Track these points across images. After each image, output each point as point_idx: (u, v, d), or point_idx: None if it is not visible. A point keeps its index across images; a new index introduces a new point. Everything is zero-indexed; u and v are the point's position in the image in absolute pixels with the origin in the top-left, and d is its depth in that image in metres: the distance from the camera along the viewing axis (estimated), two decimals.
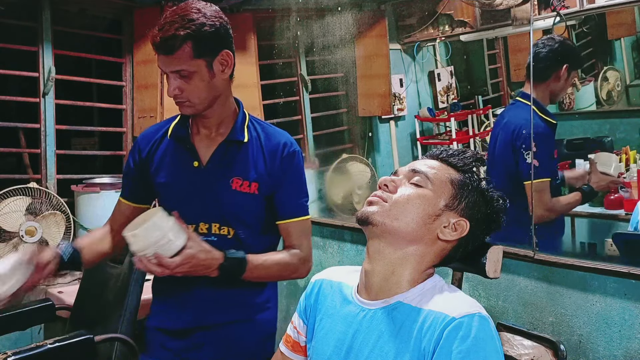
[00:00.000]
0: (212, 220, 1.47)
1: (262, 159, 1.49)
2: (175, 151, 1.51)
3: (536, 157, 2.02)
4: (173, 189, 1.50)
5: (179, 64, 1.37)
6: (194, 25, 1.35)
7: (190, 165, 1.48)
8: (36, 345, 1.79)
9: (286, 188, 1.50)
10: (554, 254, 1.88)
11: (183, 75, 1.38)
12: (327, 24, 3.40)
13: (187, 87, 1.39)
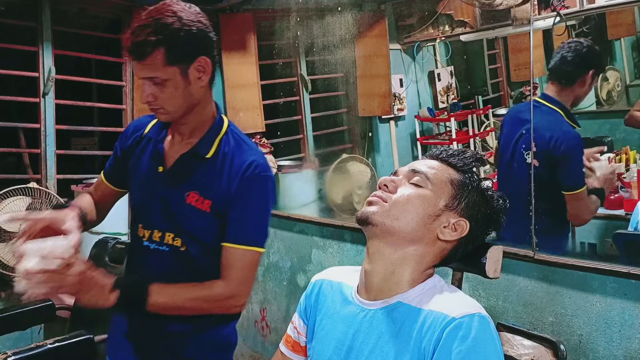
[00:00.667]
0: (166, 230, 1.40)
1: (224, 177, 1.37)
2: (149, 151, 1.46)
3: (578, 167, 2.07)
4: (138, 190, 1.48)
5: (151, 71, 1.30)
6: (168, 30, 1.28)
7: (156, 169, 1.43)
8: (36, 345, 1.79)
9: (238, 210, 1.36)
10: (554, 254, 1.88)
11: (157, 82, 1.31)
12: (327, 24, 3.40)
13: (161, 94, 1.32)
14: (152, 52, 1.28)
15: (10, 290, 2.80)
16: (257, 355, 3.09)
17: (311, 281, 1.23)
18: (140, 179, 1.46)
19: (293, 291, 2.96)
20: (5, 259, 2.69)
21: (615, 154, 2.45)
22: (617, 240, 2.01)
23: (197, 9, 1.36)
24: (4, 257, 2.69)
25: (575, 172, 2.06)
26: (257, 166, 1.38)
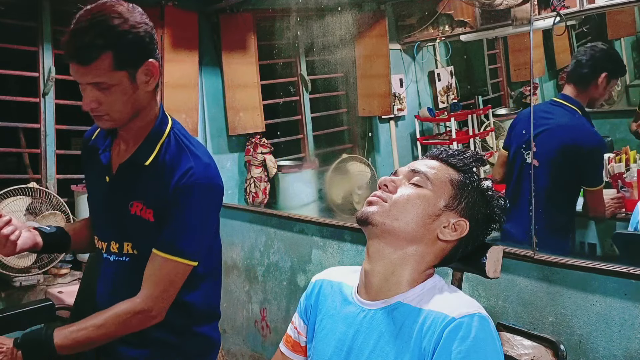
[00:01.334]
0: (122, 240, 1.36)
1: (164, 185, 1.31)
2: (97, 159, 1.39)
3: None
4: (90, 201, 1.44)
5: (97, 76, 1.21)
6: (115, 32, 1.19)
7: (103, 178, 1.37)
8: None
9: (170, 218, 1.30)
10: (554, 254, 1.88)
11: (102, 88, 1.22)
12: (327, 24, 3.40)
13: (106, 99, 1.23)
14: (98, 56, 1.19)
15: (10, 290, 2.80)
16: (257, 355, 3.09)
17: (311, 281, 1.23)
18: (92, 190, 1.43)
19: (293, 291, 2.96)
20: (6, 259, 2.69)
21: (615, 154, 2.45)
22: (617, 240, 2.01)
23: (140, 9, 1.28)
24: (4, 257, 2.69)
25: (599, 169, 2.18)
26: (193, 174, 1.29)
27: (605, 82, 2.12)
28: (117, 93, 1.24)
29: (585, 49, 2.19)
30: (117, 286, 1.38)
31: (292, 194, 3.48)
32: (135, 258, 1.35)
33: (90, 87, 1.23)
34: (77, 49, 1.19)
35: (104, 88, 1.23)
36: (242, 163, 3.54)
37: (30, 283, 2.82)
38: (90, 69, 1.20)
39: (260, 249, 3.05)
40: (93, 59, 1.19)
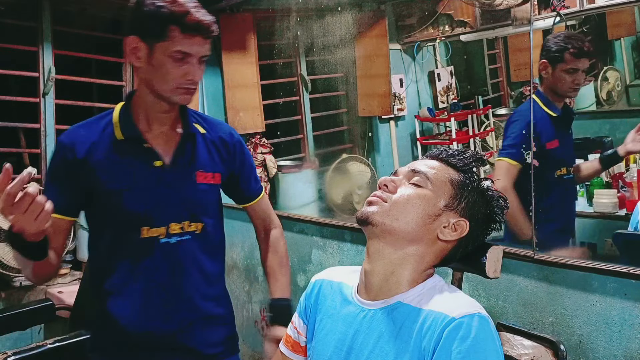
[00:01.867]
0: (182, 219, 1.41)
1: (215, 149, 1.48)
2: (127, 153, 1.38)
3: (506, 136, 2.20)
4: (134, 194, 1.38)
5: (209, 50, 1.35)
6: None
7: (149, 166, 1.38)
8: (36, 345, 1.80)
9: (245, 173, 1.56)
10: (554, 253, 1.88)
11: (202, 61, 1.35)
12: (327, 24, 3.40)
13: (201, 73, 1.36)
14: (214, 31, 1.34)
15: (10, 290, 2.80)
16: (257, 355, 3.09)
17: (311, 281, 1.23)
18: (130, 183, 1.38)
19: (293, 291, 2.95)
20: (6, 259, 2.69)
21: None
22: (617, 240, 2.01)
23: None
24: (4, 257, 2.69)
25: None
26: (235, 133, 1.57)
27: (549, 69, 2.12)
28: (204, 69, 1.37)
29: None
30: (183, 266, 1.43)
31: (292, 194, 3.47)
32: (195, 235, 1.43)
33: (198, 61, 1.34)
34: (208, 24, 1.32)
35: (203, 61, 1.35)
36: None
37: (30, 283, 2.82)
38: (208, 43, 1.34)
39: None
40: (213, 34, 1.34)
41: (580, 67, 2.11)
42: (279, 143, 3.62)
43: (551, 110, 2.16)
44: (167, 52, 1.29)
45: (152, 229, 1.39)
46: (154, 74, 1.33)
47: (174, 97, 1.34)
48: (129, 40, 1.32)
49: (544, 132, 2.14)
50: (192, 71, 1.32)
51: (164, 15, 1.28)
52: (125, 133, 1.39)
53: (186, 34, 1.28)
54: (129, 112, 1.41)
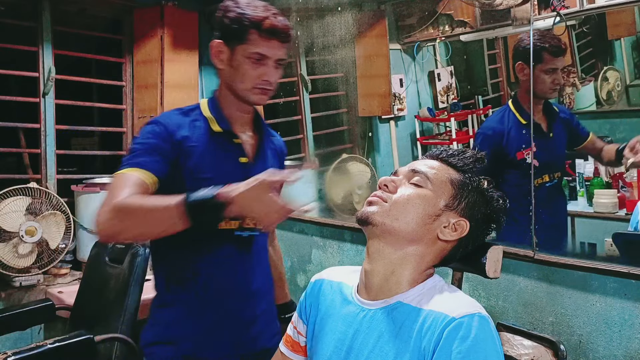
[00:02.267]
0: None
1: (277, 156, 1.63)
2: (219, 146, 1.45)
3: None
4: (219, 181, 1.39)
5: (286, 52, 1.45)
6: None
7: (236, 161, 1.47)
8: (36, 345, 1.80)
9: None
10: (554, 254, 1.88)
11: (280, 64, 1.45)
12: (327, 24, 3.40)
13: (277, 75, 1.45)
14: (291, 35, 1.45)
15: (10, 290, 2.80)
16: None
17: (311, 281, 1.23)
18: (218, 174, 1.41)
19: (293, 291, 2.95)
20: (5, 259, 2.69)
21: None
22: (617, 240, 2.01)
23: None
24: (4, 257, 2.69)
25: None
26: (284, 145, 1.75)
27: (526, 70, 2.05)
28: (282, 72, 1.47)
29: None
30: (253, 258, 1.52)
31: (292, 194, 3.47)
32: (262, 231, 1.52)
33: (272, 64, 1.43)
34: (286, 29, 1.43)
35: (280, 64, 1.46)
36: None
37: (30, 283, 2.82)
38: (284, 47, 1.45)
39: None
40: (289, 38, 1.45)
41: (559, 65, 2.06)
42: None
43: (522, 117, 2.10)
44: (245, 54, 1.40)
45: (230, 221, 1.45)
46: (234, 74, 1.43)
47: (250, 96, 1.44)
48: (214, 44, 1.44)
49: (512, 141, 2.09)
50: (268, 72, 1.42)
51: (245, 21, 1.39)
52: (222, 126, 1.46)
53: (264, 38, 1.40)
54: (219, 108, 1.48)
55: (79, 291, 2.42)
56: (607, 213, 2.27)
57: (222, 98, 1.49)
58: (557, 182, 2.15)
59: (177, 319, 1.45)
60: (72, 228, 2.88)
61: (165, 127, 1.41)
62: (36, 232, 2.73)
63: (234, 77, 1.43)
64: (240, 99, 1.46)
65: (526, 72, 2.04)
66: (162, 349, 1.45)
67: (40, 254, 2.79)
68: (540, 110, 2.12)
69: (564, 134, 2.20)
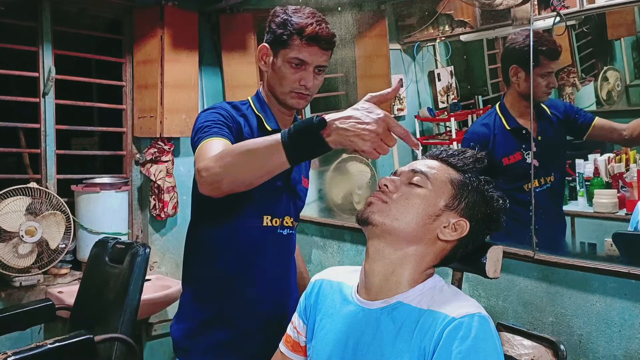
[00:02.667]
0: (291, 215, 1.57)
1: None
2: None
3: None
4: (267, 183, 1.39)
5: (326, 60, 1.47)
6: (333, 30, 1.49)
7: None
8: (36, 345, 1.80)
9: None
10: (554, 254, 1.88)
11: (320, 71, 1.47)
12: None
13: (316, 82, 1.48)
14: (334, 42, 1.48)
15: (10, 290, 2.80)
16: None
17: (311, 281, 1.23)
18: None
19: None
20: (5, 259, 2.69)
21: (615, 154, 2.45)
22: (617, 240, 2.01)
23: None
24: (4, 257, 2.69)
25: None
26: None
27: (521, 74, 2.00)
28: (323, 76, 1.50)
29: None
30: (290, 255, 1.61)
31: None
32: (293, 229, 1.60)
33: (309, 70, 1.45)
34: (328, 36, 1.45)
35: (320, 71, 1.48)
36: None
37: (30, 283, 2.82)
38: (325, 54, 1.47)
39: None
40: (330, 46, 1.47)
41: (555, 69, 2.02)
42: None
43: (507, 122, 2.07)
44: (286, 58, 1.45)
45: (273, 219, 1.52)
46: (274, 77, 1.49)
47: (288, 100, 1.48)
48: (261, 47, 1.53)
49: (498, 146, 2.05)
50: (306, 77, 1.45)
51: (289, 26, 1.44)
52: (271, 126, 1.51)
53: (304, 43, 1.43)
54: (266, 107, 1.54)
55: (79, 291, 2.42)
56: (607, 213, 2.26)
57: (267, 99, 1.55)
58: (549, 185, 2.09)
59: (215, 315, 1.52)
60: (72, 228, 2.88)
61: (227, 111, 1.47)
62: (36, 232, 2.73)
63: (274, 80, 1.49)
64: (279, 102, 1.51)
65: (520, 75, 2.00)
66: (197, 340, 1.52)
67: (40, 254, 2.79)
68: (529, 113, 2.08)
69: (558, 135, 2.14)
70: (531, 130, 2.07)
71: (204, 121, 1.42)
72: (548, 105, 2.16)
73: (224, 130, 1.40)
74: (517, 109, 2.07)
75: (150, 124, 3.16)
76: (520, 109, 2.07)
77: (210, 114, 1.45)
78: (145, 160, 3.18)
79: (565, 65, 2.79)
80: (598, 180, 2.31)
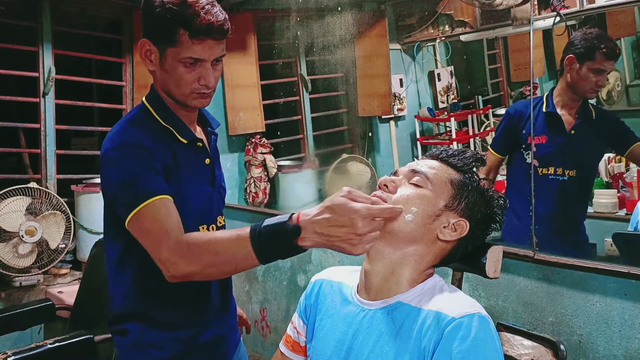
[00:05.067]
0: (222, 212, 1.45)
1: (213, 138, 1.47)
2: (186, 152, 1.33)
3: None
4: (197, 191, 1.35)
5: (223, 49, 1.30)
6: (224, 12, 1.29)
7: (203, 163, 1.37)
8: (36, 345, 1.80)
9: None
10: (554, 254, 1.88)
11: (217, 61, 1.30)
12: (327, 24, 3.40)
13: (216, 74, 1.30)
14: (228, 29, 1.29)
15: (10, 290, 2.80)
16: (257, 355, 3.09)
17: (311, 281, 1.23)
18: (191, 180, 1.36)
19: (293, 291, 2.96)
20: (6, 259, 2.69)
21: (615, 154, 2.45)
22: (617, 240, 2.01)
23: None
24: (4, 257, 2.69)
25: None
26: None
27: (570, 65, 2.05)
28: (221, 66, 1.33)
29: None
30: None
31: (292, 194, 3.47)
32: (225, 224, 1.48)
33: (207, 65, 1.27)
34: (220, 25, 1.26)
35: (218, 62, 1.30)
36: (242, 163, 3.54)
37: (30, 283, 2.82)
38: (221, 43, 1.29)
39: None
40: (225, 35, 1.29)
41: (608, 68, 2.04)
42: (279, 143, 3.62)
43: (547, 106, 2.11)
44: (178, 58, 1.24)
45: (210, 226, 1.38)
46: (168, 79, 1.28)
47: (189, 101, 1.30)
48: (141, 43, 1.28)
49: (528, 125, 2.10)
50: (206, 75, 1.27)
51: (172, 19, 1.22)
52: (186, 136, 1.34)
53: (196, 39, 1.23)
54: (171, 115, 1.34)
55: (79, 291, 2.42)
56: (607, 213, 2.27)
57: (167, 101, 1.34)
58: (566, 179, 2.11)
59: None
60: (72, 228, 2.88)
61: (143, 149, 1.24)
62: (36, 232, 2.73)
63: (168, 82, 1.29)
64: (180, 104, 1.32)
65: (574, 66, 2.04)
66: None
67: (40, 254, 2.79)
68: (575, 107, 2.10)
69: (596, 137, 2.14)
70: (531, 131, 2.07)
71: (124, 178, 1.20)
72: (597, 110, 2.16)
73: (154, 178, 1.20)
74: (561, 99, 2.10)
75: None
76: (564, 99, 2.10)
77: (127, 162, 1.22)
78: None
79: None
80: (598, 180, 2.31)
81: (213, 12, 1.25)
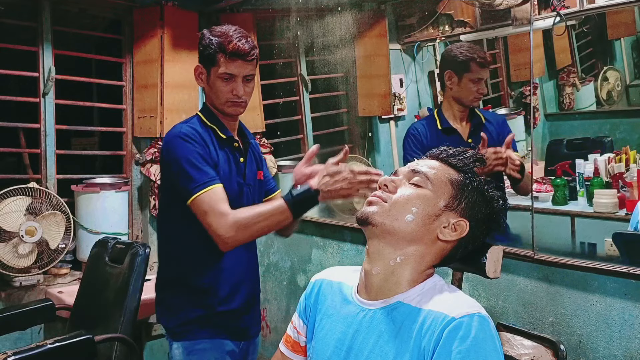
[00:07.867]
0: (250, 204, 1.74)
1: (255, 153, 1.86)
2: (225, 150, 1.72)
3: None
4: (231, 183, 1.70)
5: (252, 69, 1.69)
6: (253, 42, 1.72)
7: (238, 161, 1.74)
8: (36, 345, 1.80)
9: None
10: (554, 254, 1.88)
11: (248, 80, 1.69)
12: (327, 24, 3.40)
13: (247, 89, 1.70)
14: (256, 54, 1.69)
15: (10, 290, 2.80)
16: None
17: (311, 281, 1.23)
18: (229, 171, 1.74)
19: (293, 291, 2.96)
20: (6, 259, 2.69)
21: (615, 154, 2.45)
22: (617, 240, 2.01)
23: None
24: (4, 257, 2.69)
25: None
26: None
27: (454, 78, 2.12)
28: (253, 83, 1.73)
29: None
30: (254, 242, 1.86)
31: None
32: None
33: (239, 81, 1.68)
34: (248, 49, 1.67)
35: (249, 80, 1.70)
36: None
37: (30, 283, 2.82)
38: (249, 64, 1.69)
39: (260, 249, 3.05)
40: (252, 58, 1.68)
41: (485, 76, 2.14)
42: (279, 143, 3.62)
43: (440, 122, 2.18)
44: (217, 74, 1.68)
45: None
46: (211, 92, 1.71)
47: (226, 109, 1.71)
48: (196, 67, 1.74)
49: (432, 143, 2.12)
50: (237, 88, 1.68)
51: (214, 46, 1.67)
52: (225, 133, 1.72)
53: (228, 59, 1.65)
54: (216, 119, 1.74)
55: (79, 291, 2.42)
56: (607, 213, 2.26)
57: (214, 111, 1.75)
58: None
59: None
60: (72, 228, 2.88)
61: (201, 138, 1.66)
62: (36, 232, 2.73)
63: (212, 94, 1.72)
64: (220, 112, 1.73)
65: (453, 80, 2.13)
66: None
67: (40, 254, 2.79)
68: (465, 118, 2.18)
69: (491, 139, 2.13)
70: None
71: (190, 159, 1.61)
72: (484, 114, 2.25)
73: (210, 170, 1.62)
74: (451, 112, 2.19)
75: (150, 124, 3.16)
76: (454, 112, 2.18)
77: (191, 148, 1.63)
78: (145, 160, 3.18)
79: (565, 65, 2.79)
80: (598, 180, 2.31)
81: (242, 42, 1.67)
